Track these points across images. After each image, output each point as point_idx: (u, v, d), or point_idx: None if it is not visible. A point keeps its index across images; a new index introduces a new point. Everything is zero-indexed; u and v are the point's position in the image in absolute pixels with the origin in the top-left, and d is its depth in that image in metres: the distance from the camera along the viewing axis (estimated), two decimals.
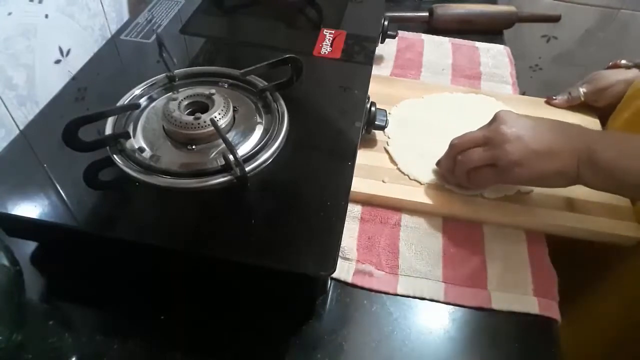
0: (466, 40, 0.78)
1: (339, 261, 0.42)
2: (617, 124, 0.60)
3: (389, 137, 0.57)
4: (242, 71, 0.50)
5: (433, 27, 0.80)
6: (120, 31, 0.60)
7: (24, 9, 0.51)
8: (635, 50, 1.03)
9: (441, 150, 0.56)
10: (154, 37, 0.58)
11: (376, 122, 0.53)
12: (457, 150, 0.49)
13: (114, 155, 0.41)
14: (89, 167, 0.41)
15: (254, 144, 0.44)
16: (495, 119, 0.47)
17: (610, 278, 0.52)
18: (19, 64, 0.51)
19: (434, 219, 0.50)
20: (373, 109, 0.53)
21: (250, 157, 0.42)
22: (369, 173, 0.52)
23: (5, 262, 0.33)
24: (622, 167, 0.41)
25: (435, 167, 0.53)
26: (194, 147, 0.43)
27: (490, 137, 0.46)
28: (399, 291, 0.44)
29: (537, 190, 0.52)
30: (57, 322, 0.40)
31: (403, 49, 0.75)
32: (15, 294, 0.34)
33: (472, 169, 0.47)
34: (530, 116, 0.46)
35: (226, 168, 0.40)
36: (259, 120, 0.46)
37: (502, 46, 0.77)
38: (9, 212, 0.38)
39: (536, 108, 0.64)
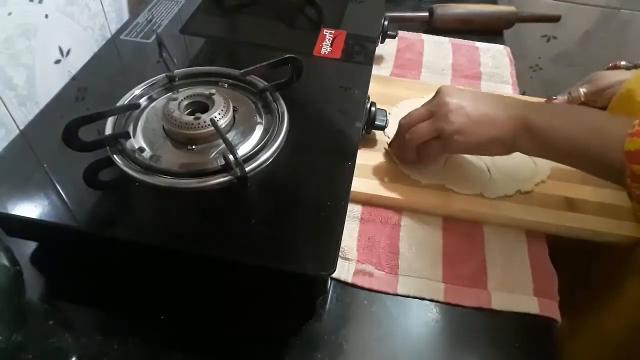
0: (466, 40, 0.78)
1: (339, 261, 0.42)
2: None
3: (389, 137, 0.57)
4: (242, 71, 0.50)
5: (433, 27, 0.80)
6: (120, 31, 0.60)
7: (24, 9, 0.51)
8: (635, 50, 1.03)
9: None
10: (154, 37, 0.58)
11: (376, 122, 0.53)
12: (406, 128, 0.50)
13: (114, 155, 0.41)
14: (89, 167, 0.41)
15: (254, 144, 0.44)
16: (438, 92, 0.49)
17: (610, 278, 0.52)
18: (19, 64, 0.51)
19: (434, 219, 0.50)
20: (373, 109, 0.53)
21: (250, 157, 0.42)
22: (369, 173, 0.52)
23: (5, 262, 0.33)
24: (555, 131, 0.43)
25: (434, 167, 0.53)
26: (194, 147, 0.43)
27: (433, 110, 0.48)
28: (399, 291, 0.44)
29: (537, 190, 0.52)
30: (57, 322, 0.40)
31: (403, 49, 0.75)
32: (15, 294, 0.34)
33: (421, 144, 0.49)
34: (472, 89, 0.49)
35: (226, 168, 0.40)
36: (259, 120, 0.46)
37: (502, 46, 0.77)
38: (9, 212, 0.38)
39: None
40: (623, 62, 0.64)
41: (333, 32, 0.60)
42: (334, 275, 0.40)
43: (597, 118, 0.44)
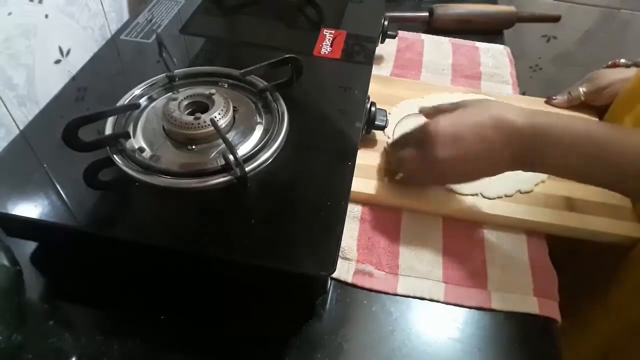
0: (466, 40, 0.78)
1: (339, 261, 0.42)
2: (629, 119, 0.58)
3: (389, 137, 0.57)
4: (242, 71, 0.50)
5: (433, 27, 0.80)
6: (120, 31, 0.59)
7: (24, 9, 0.51)
8: (635, 50, 1.03)
9: None
10: (154, 37, 0.58)
11: (376, 122, 0.53)
12: (396, 147, 0.51)
13: (114, 155, 0.41)
14: (89, 167, 0.41)
15: (254, 144, 0.44)
16: (427, 135, 0.44)
17: (610, 278, 0.52)
18: (19, 64, 0.51)
19: (434, 219, 0.50)
20: (373, 109, 0.53)
21: (250, 157, 0.42)
22: (369, 173, 0.52)
23: (5, 262, 0.33)
24: (565, 170, 0.42)
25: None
26: (194, 147, 0.43)
27: (418, 139, 0.46)
28: (399, 291, 0.44)
29: (537, 190, 0.52)
30: (57, 322, 0.40)
31: (403, 49, 0.75)
32: (15, 294, 0.34)
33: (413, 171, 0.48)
34: (464, 124, 0.43)
35: (226, 168, 0.40)
36: (259, 120, 0.46)
37: (502, 46, 0.77)
38: (9, 212, 0.38)
39: (536, 108, 0.64)
40: (623, 60, 0.64)
41: (333, 32, 0.60)
42: (334, 275, 0.40)
43: (607, 147, 0.39)
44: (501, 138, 0.41)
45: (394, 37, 0.68)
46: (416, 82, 0.69)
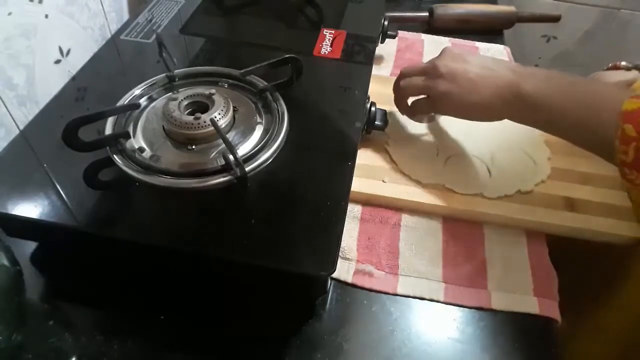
0: (466, 40, 0.78)
1: (339, 261, 0.42)
2: None
3: (389, 137, 0.57)
4: (242, 71, 0.50)
5: (433, 27, 0.80)
6: (120, 31, 0.60)
7: (24, 9, 0.51)
8: (635, 51, 1.03)
9: (441, 150, 0.56)
10: (154, 37, 0.58)
11: (376, 122, 0.53)
12: (402, 77, 0.53)
13: (114, 155, 0.41)
14: (89, 167, 0.41)
15: (254, 144, 0.44)
16: (441, 53, 0.50)
17: (611, 278, 0.52)
18: (19, 64, 0.51)
19: (434, 219, 0.50)
20: (373, 109, 0.53)
21: (250, 157, 0.42)
22: (369, 173, 0.52)
23: (5, 262, 0.33)
24: (546, 98, 0.43)
25: (435, 167, 0.53)
26: (194, 147, 0.43)
27: (428, 69, 0.50)
28: (399, 291, 0.44)
29: (537, 190, 0.52)
30: (57, 322, 0.40)
31: (403, 49, 0.75)
32: (15, 294, 0.34)
33: (414, 100, 0.52)
34: (476, 55, 0.49)
35: (226, 168, 0.40)
36: (259, 120, 0.46)
37: (502, 46, 0.77)
38: (9, 212, 0.38)
39: None
40: (623, 63, 0.64)
41: (333, 32, 0.60)
42: (334, 275, 0.40)
43: (591, 86, 0.43)
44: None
45: (394, 37, 0.68)
46: None
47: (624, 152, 0.37)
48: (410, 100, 0.54)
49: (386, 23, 0.65)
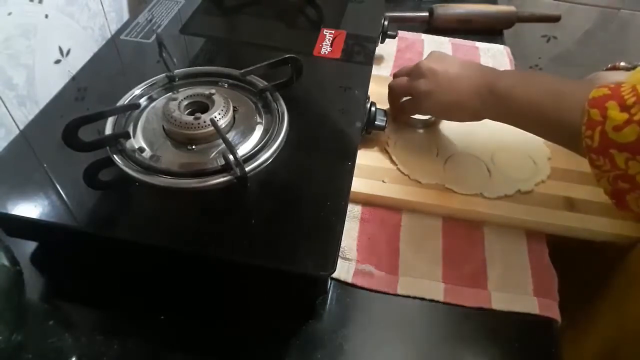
0: (466, 40, 0.78)
1: (339, 261, 0.42)
2: None
3: (389, 137, 0.57)
4: (242, 71, 0.50)
5: (433, 27, 0.80)
6: (120, 31, 0.60)
7: (24, 9, 0.51)
8: (635, 51, 1.03)
9: (441, 150, 0.56)
10: (154, 37, 0.58)
11: (376, 122, 0.53)
12: (393, 78, 0.56)
13: (114, 155, 0.41)
14: (89, 167, 0.41)
15: (254, 144, 0.44)
16: (428, 55, 0.53)
17: (610, 278, 0.52)
18: (19, 64, 0.51)
19: (434, 219, 0.50)
20: (373, 109, 0.53)
21: (250, 157, 0.42)
22: (369, 173, 0.52)
23: (5, 262, 0.33)
24: (517, 95, 0.44)
25: (435, 167, 0.53)
26: (194, 147, 0.43)
27: (413, 70, 0.52)
28: (399, 291, 0.44)
29: (537, 190, 0.52)
30: (57, 322, 0.40)
31: (403, 49, 0.75)
32: (15, 294, 0.34)
33: (402, 101, 0.54)
34: (457, 58, 0.52)
35: (226, 168, 0.40)
36: (259, 120, 0.46)
37: (502, 46, 0.77)
38: (9, 212, 0.38)
39: None
40: (623, 63, 0.64)
41: (333, 32, 0.60)
42: (334, 275, 0.40)
43: (556, 81, 0.44)
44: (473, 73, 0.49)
45: (394, 37, 0.68)
46: None
47: (589, 137, 0.38)
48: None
49: (386, 23, 0.65)
